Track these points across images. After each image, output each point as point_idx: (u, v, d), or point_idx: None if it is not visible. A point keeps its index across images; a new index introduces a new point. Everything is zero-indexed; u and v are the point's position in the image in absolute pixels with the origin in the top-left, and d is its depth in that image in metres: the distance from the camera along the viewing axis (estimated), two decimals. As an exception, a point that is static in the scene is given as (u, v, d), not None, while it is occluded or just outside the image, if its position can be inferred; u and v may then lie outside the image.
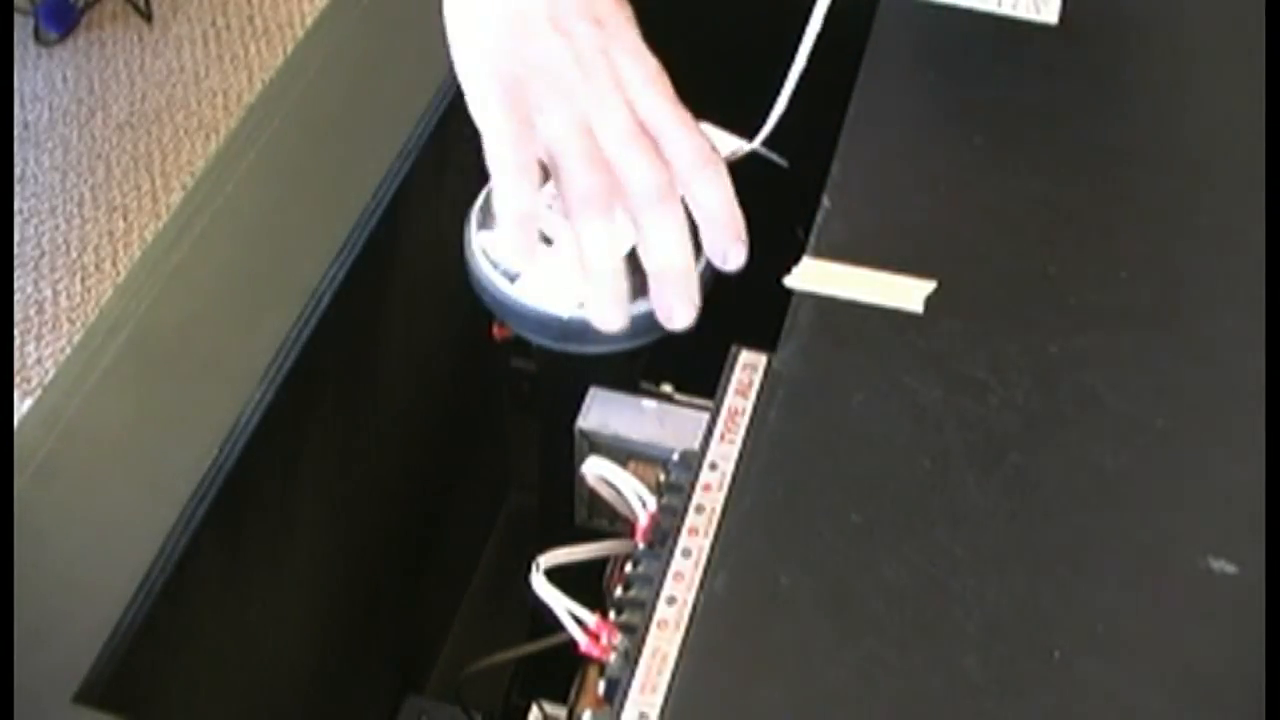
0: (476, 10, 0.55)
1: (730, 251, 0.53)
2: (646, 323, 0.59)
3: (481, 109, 0.53)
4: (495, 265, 0.59)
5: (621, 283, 0.53)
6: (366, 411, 0.70)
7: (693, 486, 0.51)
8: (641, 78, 0.53)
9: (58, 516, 0.51)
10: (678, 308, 0.53)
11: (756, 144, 0.63)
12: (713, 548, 0.49)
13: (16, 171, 1.92)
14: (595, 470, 0.57)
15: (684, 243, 0.52)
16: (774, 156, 0.62)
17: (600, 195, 0.51)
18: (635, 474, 0.55)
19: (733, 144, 0.62)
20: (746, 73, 0.64)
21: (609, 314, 0.53)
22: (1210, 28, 0.71)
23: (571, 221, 0.52)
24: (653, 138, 0.52)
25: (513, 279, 0.58)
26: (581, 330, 0.58)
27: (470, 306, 0.61)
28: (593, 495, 0.59)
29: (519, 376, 0.84)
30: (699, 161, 0.52)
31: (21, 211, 1.86)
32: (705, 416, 0.54)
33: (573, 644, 0.51)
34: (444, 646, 0.90)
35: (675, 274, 0.52)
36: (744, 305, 0.58)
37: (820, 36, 0.60)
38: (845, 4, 0.61)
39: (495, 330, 0.65)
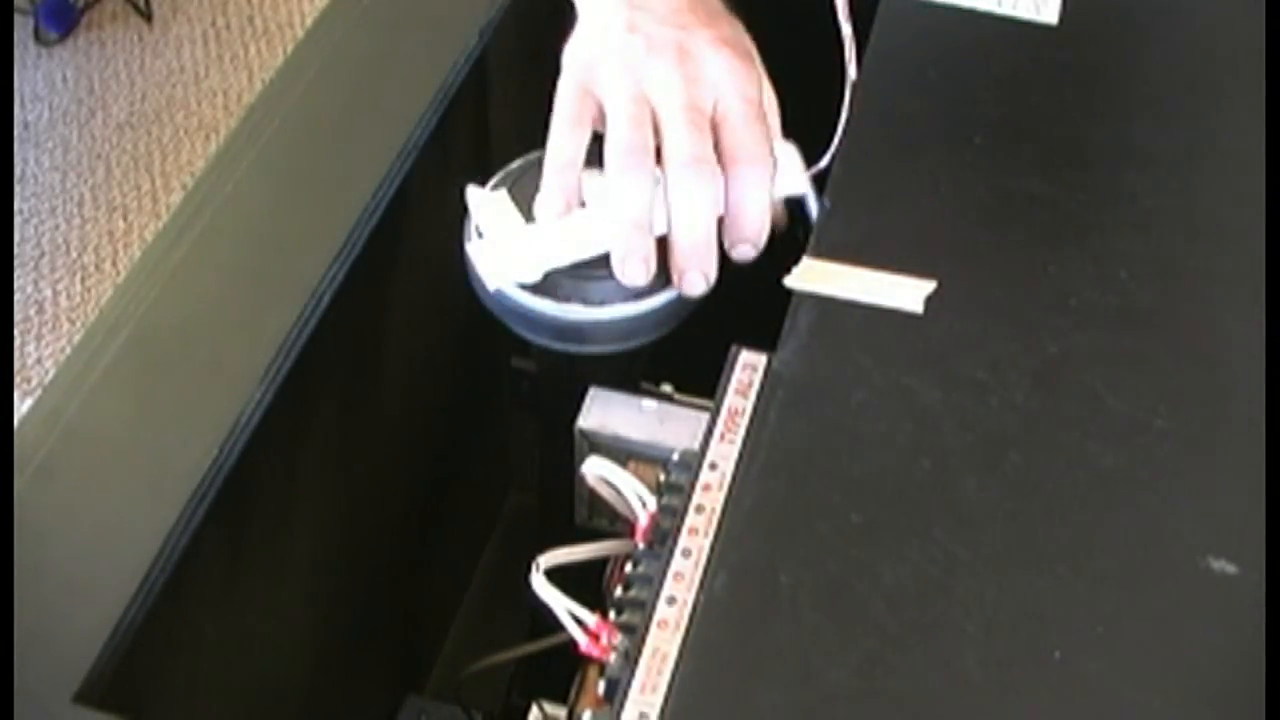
0: (580, 32, 0.60)
1: (739, 248, 0.57)
2: (646, 322, 0.59)
3: (557, 95, 0.58)
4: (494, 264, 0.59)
5: (647, 240, 0.56)
6: (366, 411, 0.70)
7: (693, 486, 0.51)
8: (720, 69, 0.57)
9: (58, 516, 0.51)
10: (688, 274, 0.56)
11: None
12: (713, 548, 0.49)
13: (16, 171, 1.92)
14: (595, 470, 0.57)
15: (705, 212, 0.55)
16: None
17: (637, 151, 0.55)
18: (635, 474, 0.55)
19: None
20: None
21: (631, 269, 0.56)
22: (1210, 28, 0.71)
23: (608, 175, 0.55)
24: (714, 122, 0.56)
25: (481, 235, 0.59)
26: (580, 330, 0.58)
27: (470, 306, 0.61)
28: (593, 495, 0.59)
29: (519, 376, 0.84)
30: (747, 156, 0.56)
31: (21, 211, 1.86)
32: (705, 416, 0.54)
33: (573, 644, 0.51)
34: (444, 646, 0.90)
35: (691, 242, 0.56)
36: (744, 305, 0.58)
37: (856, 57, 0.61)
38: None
39: None
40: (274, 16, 2.19)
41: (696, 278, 0.57)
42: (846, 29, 0.61)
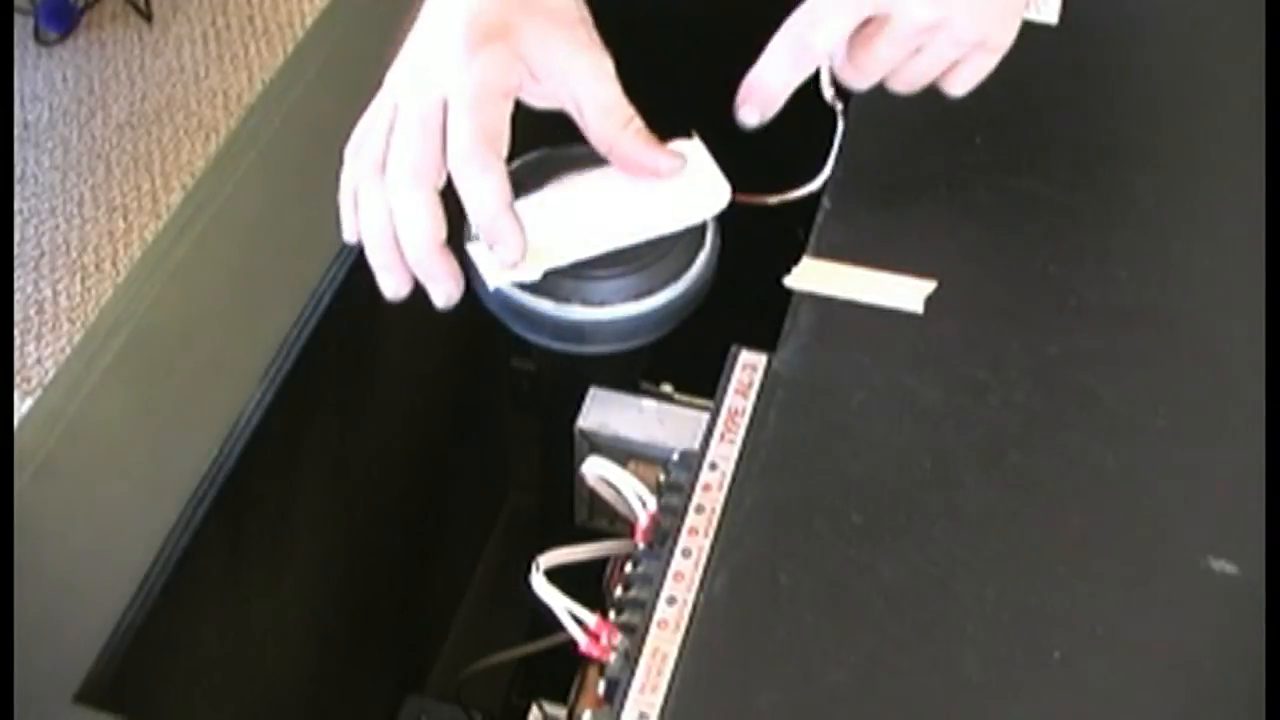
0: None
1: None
2: (646, 322, 0.59)
3: None
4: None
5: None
6: (366, 411, 0.70)
7: (693, 486, 0.51)
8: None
9: (58, 516, 0.51)
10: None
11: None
12: (713, 548, 0.49)
13: (16, 171, 1.92)
14: (595, 470, 0.57)
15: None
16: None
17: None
18: (635, 474, 0.55)
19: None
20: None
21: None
22: (1210, 27, 0.71)
23: None
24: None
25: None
26: (580, 330, 0.58)
27: (470, 306, 0.61)
28: (593, 495, 0.59)
29: (519, 376, 0.84)
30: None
31: (21, 211, 1.86)
32: (705, 416, 0.54)
33: (573, 644, 0.51)
34: (444, 646, 0.90)
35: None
36: (744, 305, 0.58)
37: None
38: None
39: None
40: (274, 16, 2.19)
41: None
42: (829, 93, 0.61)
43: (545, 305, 0.58)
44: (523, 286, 0.58)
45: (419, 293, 0.72)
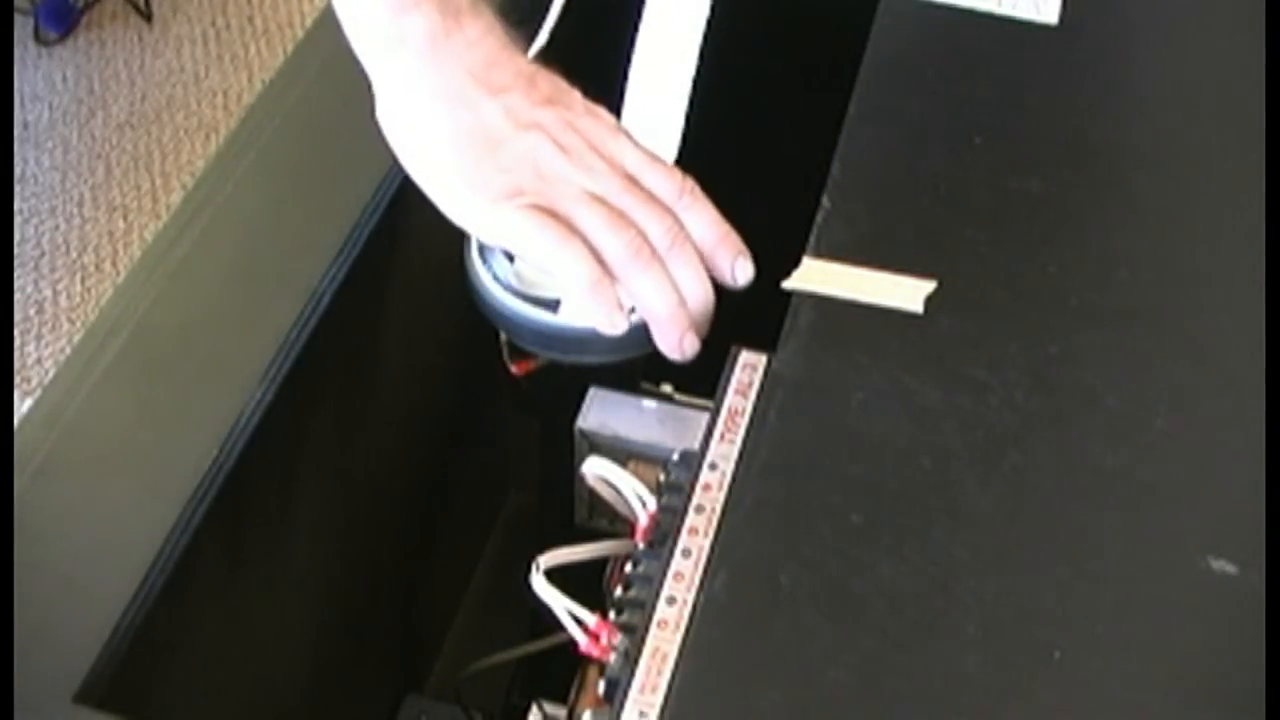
0: (427, 132, 0.56)
1: (735, 268, 0.57)
2: (645, 333, 0.59)
3: (492, 227, 0.55)
4: (505, 283, 0.59)
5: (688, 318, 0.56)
6: (366, 411, 0.70)
7: (693, 486, 0.51)
8: (606, 133, 0.56)
9: (58, 516, 0.51)
10: (689, 342, 0.56)
11: None
12: (713, 548, 0.49)
13: (16, 171, 1.91)
14: (595, 470, 0.57)
15: (703, 278, 0.56)
16: None
17: (639, 249, 0.54)
18: (635, 474, 0.55)
19: None
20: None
21: (688, 347, 0.56)
22: (1210, 28, 0.71)
23: (626, 284, 0.55)
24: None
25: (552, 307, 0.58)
26: (581, 341, 0.58)
27: (470, 305, 0.61)
28: (593, 495, 0.59)
29: (519, 376, 0.84)
30: (678, 193, 0.56)
31: (21, 211, 1.86)
32: (705, 416, 0.54)
33: (573, 644, 0.51)
34: (444, 646, 0.90)
35: (698, 311, 0.56)
36: (744, 305, 0.58)
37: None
38: (845, 4, 0.61)
39: (514, 368, 0.65)
40: (274, 16, 2.19)
41: (694, 341, 0.57)
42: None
43: (544, 315, 0.58)
44: (522, 297, 0.58)
45: (419, 293, 0.72)
